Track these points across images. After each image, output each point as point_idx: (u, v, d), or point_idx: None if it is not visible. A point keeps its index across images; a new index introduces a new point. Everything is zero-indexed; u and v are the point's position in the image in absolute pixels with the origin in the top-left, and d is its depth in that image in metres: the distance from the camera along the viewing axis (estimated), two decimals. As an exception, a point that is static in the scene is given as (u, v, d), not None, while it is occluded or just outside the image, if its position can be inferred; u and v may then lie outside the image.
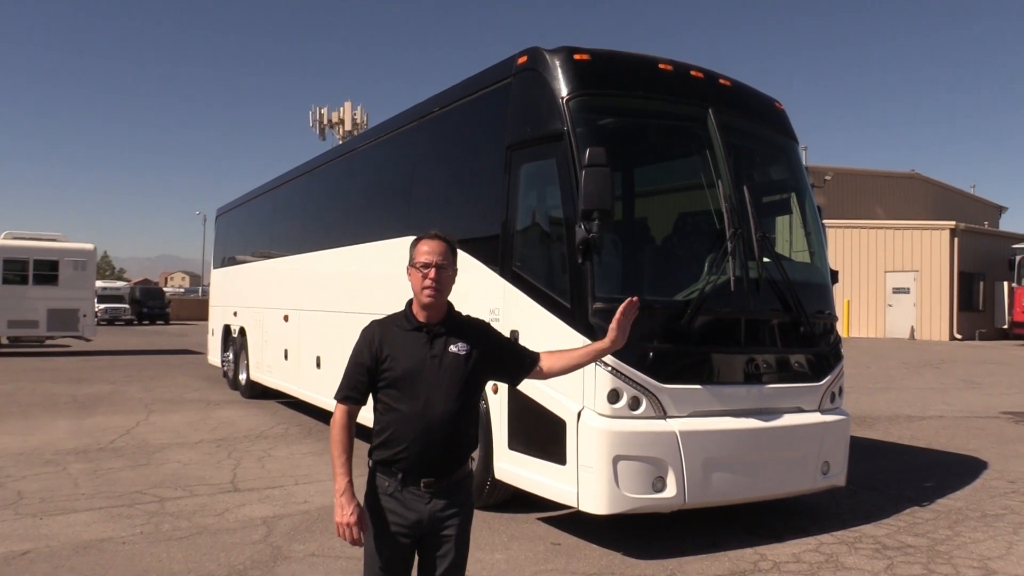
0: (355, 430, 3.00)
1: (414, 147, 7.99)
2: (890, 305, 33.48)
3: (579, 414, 5.27)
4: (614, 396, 5.21)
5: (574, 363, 3.20)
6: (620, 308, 3.05)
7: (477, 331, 3.04)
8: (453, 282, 2.98)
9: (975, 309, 33.03)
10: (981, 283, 33.25)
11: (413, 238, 3.07)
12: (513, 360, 3.15)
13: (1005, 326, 31.52)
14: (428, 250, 2.92)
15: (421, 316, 2.96)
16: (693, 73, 6.25)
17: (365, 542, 2.90)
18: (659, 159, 7.03)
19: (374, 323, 3.03)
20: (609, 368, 5.20)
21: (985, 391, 15.33)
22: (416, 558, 2.96)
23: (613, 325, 3.08)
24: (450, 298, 3.04)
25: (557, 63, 5.81)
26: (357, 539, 2.85)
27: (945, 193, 48.47)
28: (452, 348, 2.92)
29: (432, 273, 2.88)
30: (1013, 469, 8.30)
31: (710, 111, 6.03)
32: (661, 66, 6.10)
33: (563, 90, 5.69)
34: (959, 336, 31.67)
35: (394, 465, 2.88)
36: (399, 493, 2.87)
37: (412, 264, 2.95)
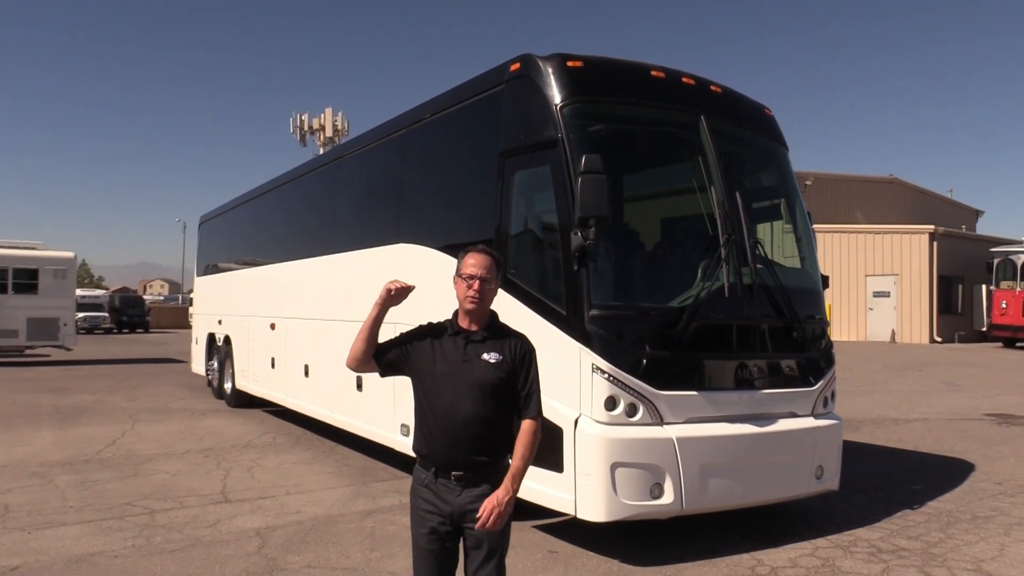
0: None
1: (404, 154, 7.96)
2: (871, 309, 33.84)
3: (576, 421, 5.27)
4: (611, 403, 5.21)
5: (515, 457, 3.11)
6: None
7: (515, 345, 3.17)
8: (495, 294, 3.16)
9: (954, 312, 33.48)
10: (960, 286, 33.71)
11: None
12: (516, 397, 3.15)
13: (984, 328, 31.94)
14: (474, 263, 3.13)
15: (463, 323, 3.18)
16: (684, 80, 6.28)
17: (411, 533, 3.14)
18: (652, 166, 7.05)
19: (427, 323, 3.29)
20: (606, 375, 5.20)
21: (967, 393, 15.50)
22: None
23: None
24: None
25: (550, 70, 5.81)
26: (405, 287, 3.12)
27: (923, 198, 49.08)
28: (485, 356, 3.09)
29: (476, 285, 3.10)
30: (999, 471, 8.39)
31: (702, 118, 6.06)
32: (653, 73, 6.13)
33: (557, 97, 5.70)
34: (939, 339, 32.05)
35: (428, 458, 3.11)
36: (433, 484, 3.08)
37: (458, 274, 3.14)
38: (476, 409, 3.03)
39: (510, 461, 3.19)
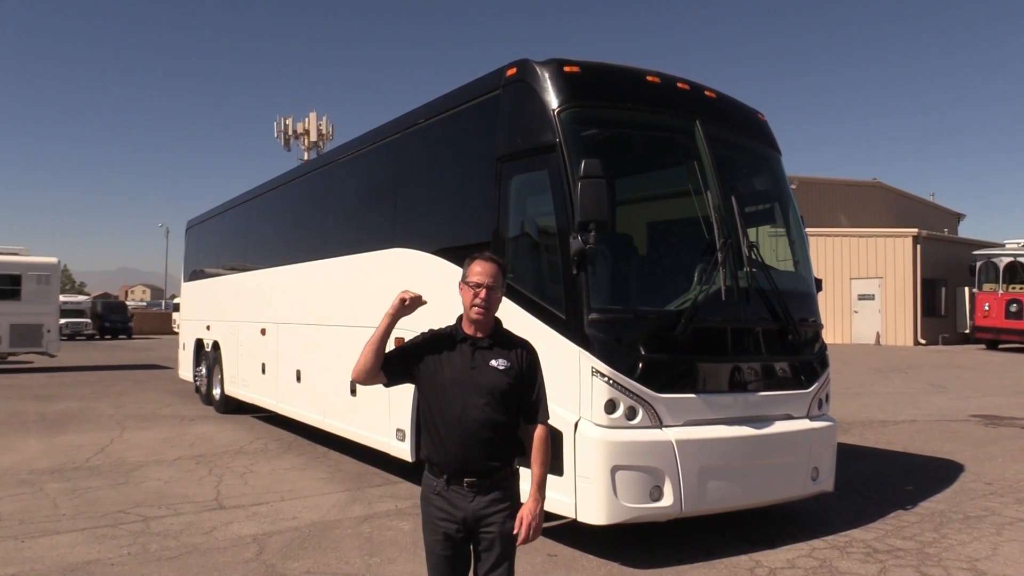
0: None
1: (400, 158, 7.95)
2: (856, 311, 34.09)
3: (576, 425, 5.28)
4: (611, 406, 5.23)
5: (535, 466, 3.14)
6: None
7: (521, 352, 3.17)
8: (500, 302, 3.14)
9: (938, 315, 33.78)
10: (943, 289, 34.03)
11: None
12: (524, 404, 3.16)
13: (967, 331, 32.27)
14: (481, 271, 3.09)
15: (468, 330, 3.16)
16: (679, 85, 6.32)
17: (424, 539, 3.15)
18: (648, 170, 7.09)
19: (429, 330, 3.27)
20: (605, 378, 5.22)
21: (953, 395, 15.66)
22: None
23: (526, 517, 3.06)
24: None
25: (547, 75, 5.83)
26: (418, 297, 3.10)
27: (906, 201, 49.52)
28: (493, 362, 3.08)
29: (483, 293, 3.08)
30: (989, 471, 8.48)
31: (697, 122, 6.10)
32: (649, 78, 6.16)
33: (554, 102, 5.72)
34: (923, 341, 32.35)
35: (438, 466, 3.10)
36: (445, 491, 3.07)
37: (464, 281, 3.12)
38: (488, 415, 3.03)
39: (516, 470, 3.20)
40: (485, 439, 3.03)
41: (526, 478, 3.26)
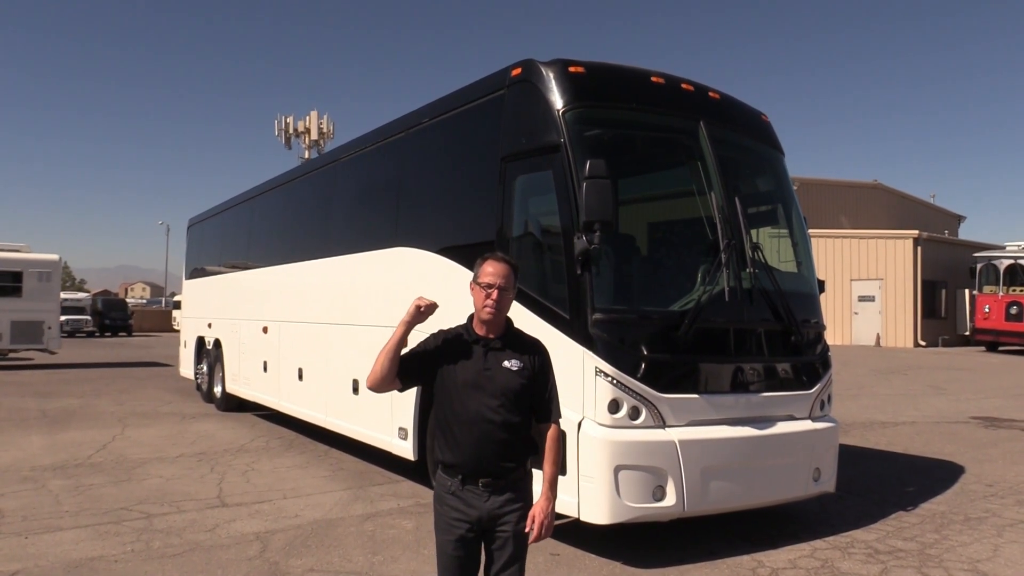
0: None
1: (403, 157, 7.96)
2: (856, 313, 34.13)
3: (580, 424, 5.30)
4: (614, 406, 5.24)
5: (547, 465, 3.16)
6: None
7: (533, 352, 3.18)
8: (511, 303, 3.15)
9: (938, 316, 33.82)
10: (943, 291, 34.06)
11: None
12: (537, 404, 3.19)
13: (967, 333, 32.31)
14: (492, 272, 3.09)
15: (480, 330, 3.15)
16: (684, 86, 6.34)
17: (436, 539, 3.16)
18: (652, 170, 7.10)
19: (440, 330, 3.26)
20: (609, 378, 5.23)
21: (953, 396, 15.67)
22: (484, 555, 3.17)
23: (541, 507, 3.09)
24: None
25: (552, 75, 5.84)
26: (433, 303, 3.12)
27: (906, 202, 49.54)
28: (505, 363, 3.09)
29: (495, 294, 3.07)
30: (989, 473, 8.49)
31: (701, 123, 6.11)
32: (653, 79, 6.17)
33: (559, 102, 5.73)
34: (923, 343, 32.38)
35: (453, 467, 3.10)
36: (460, 491, 3.08)
37: (476, 281, 3.12)
38: (502, 416, 3.04)
39: (529, 469, 3.21)
40: (500, 440, 3.05)
41: (537, 478, 3.27)
